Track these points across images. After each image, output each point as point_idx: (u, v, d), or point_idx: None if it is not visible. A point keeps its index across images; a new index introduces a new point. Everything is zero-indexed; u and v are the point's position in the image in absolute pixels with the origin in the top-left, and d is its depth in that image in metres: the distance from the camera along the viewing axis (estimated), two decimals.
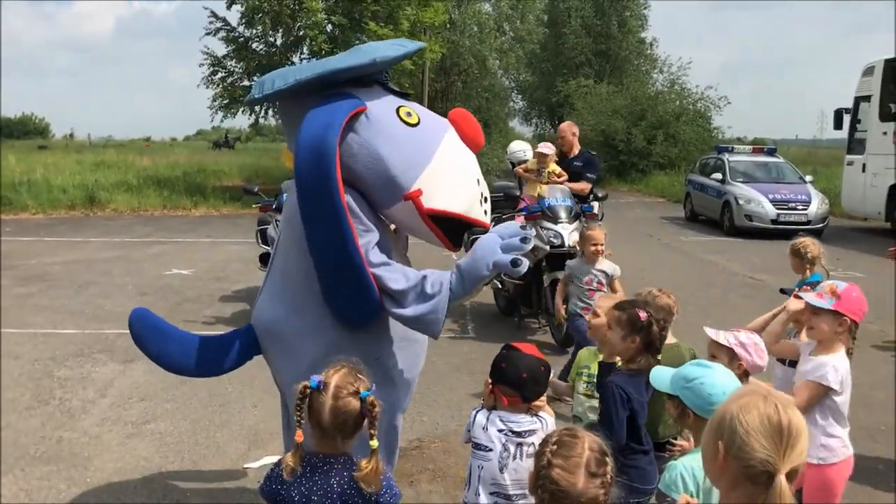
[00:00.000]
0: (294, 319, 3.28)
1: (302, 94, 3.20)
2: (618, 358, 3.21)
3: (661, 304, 3.68)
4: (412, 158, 3.20)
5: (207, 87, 24.62)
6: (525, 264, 3.18)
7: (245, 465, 4.79)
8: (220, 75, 24.52)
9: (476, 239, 3.38)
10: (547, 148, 8.51)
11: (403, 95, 3.47)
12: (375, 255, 3.16)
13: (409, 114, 3.28)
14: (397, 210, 3.27)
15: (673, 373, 2.61)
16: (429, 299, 3.11)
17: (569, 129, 8.79)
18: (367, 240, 3.15)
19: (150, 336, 3.42)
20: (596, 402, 3.37)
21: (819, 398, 3.30)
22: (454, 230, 3.37)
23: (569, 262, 6.31)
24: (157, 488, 4.52)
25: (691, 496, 2.30)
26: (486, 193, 3.50)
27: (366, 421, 2.37)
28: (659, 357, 3.17)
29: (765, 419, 1.68)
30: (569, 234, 7.54)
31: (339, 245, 3.02)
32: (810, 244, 4.80)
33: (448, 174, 3.29)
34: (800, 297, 3.58)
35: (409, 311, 3.13)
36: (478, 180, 3.45)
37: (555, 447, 2.02)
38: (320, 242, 3.09)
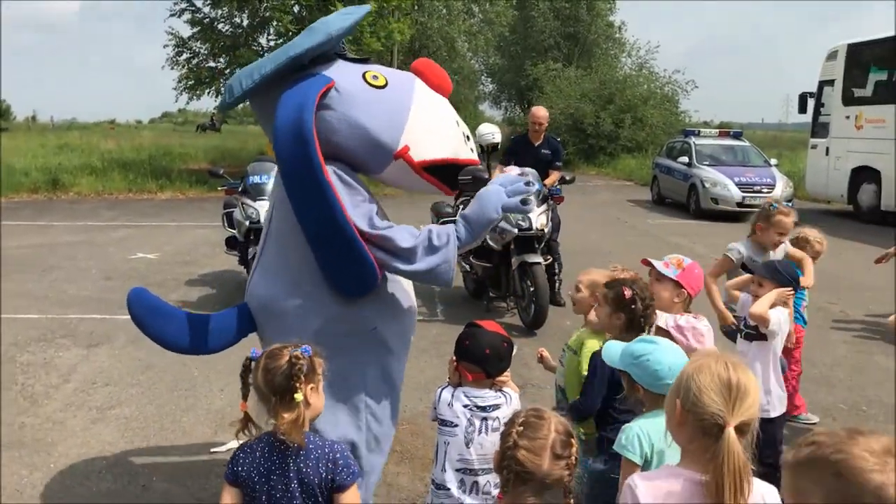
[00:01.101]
0: (292, 295, 3.31)
1: (269, 86, 3.21)
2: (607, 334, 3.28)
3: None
4: (391, 119, 3.26)
5: (172, 69, 24.31)
6: (533, 204, 3.25)
7: (212, 450, 4.77)
8: (185, 56, 24.21)
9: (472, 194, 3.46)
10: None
11: (364, 61, 3.48)
12: (380, 221, 3.23)
13: (375, 77, 3.32)
14: (391, 171, 3.34)
15: (622, 348, 2.69)
16: (437, 251, 3.21)
17: (546, 116, 8.82)
18: (367, 208, 3.21)
19: (149, 316, 3.41)
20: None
21: None
22: (448, 174, 3.45)
23: (737, 247, 5.15)
24: (123, 473, 4.49)
25: (646, 457, 2.43)
26: (468, 132, 3.59)
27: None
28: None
29: (715, 377, 1.87)
30: (537, 217, 7.57)
31: (329, 219, 3.07)
32: (816, 241, 5.12)
33: (428, 124, 3.35)
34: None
35: (421, 266, 3.20)
36: (457, 122, 3.53)
37: (521, 428, 2.05)
38: (311, 219, 3.14)
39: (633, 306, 3.15)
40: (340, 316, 3.28)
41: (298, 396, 2.35)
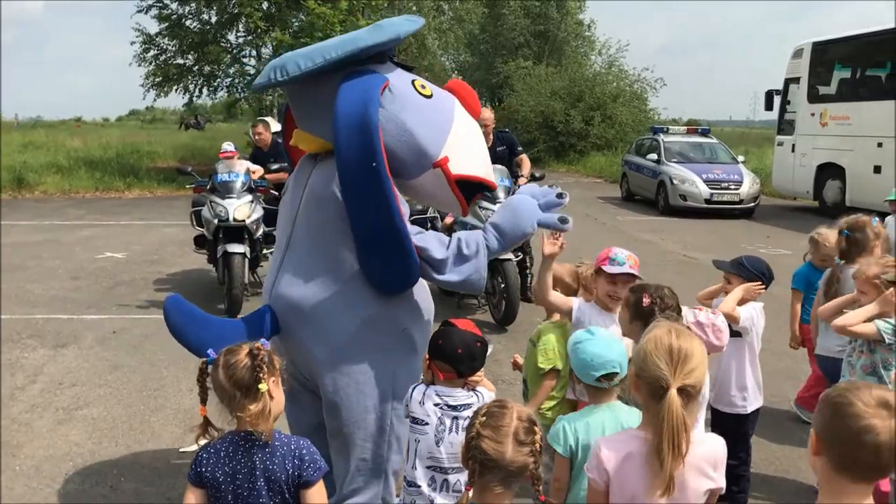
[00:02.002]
0: (327, 297, 3.28)
1: (321, 74, 3.20)
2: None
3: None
4: (437, 128, 3.32)
5: (140, 66, 24.06)
6: (570, 223, 3.40)
7: (181, 450, 4.74)
8: (152, 52, 23.96)
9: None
10: None
11: (409, 69, 3.57)
12: (411, 226, 3.27)
13: (423, 86, 3.41)
14: (424, 178, 3.36)
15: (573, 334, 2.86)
16: (467, 260, 3.28)
17: (490, 117, 8.83)
18: (403, 210, 3.22)
19: (188, 325, 3.33)
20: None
21: None
22: (469, 192, 3.50)
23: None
24: (90, 474, 4.44)
25: (571, 450, 2.61)
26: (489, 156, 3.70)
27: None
28: None
29: (659, 343, 2.10)
30: None
31: (387, 216, 3.10)
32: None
33: (466, 140, 3.45)
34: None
35: (454, 277, 3.28)
36: (484, 146, 3.66)
37: (484, 418, 2.09)
38: (369, 215, 3.13)
39: (651, 315, 3.08)
40: (375, 317, 3.29)
41: (263, 387, 2.33)
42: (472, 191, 3.50)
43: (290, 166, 4.00)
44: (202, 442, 2.45)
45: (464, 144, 3.41)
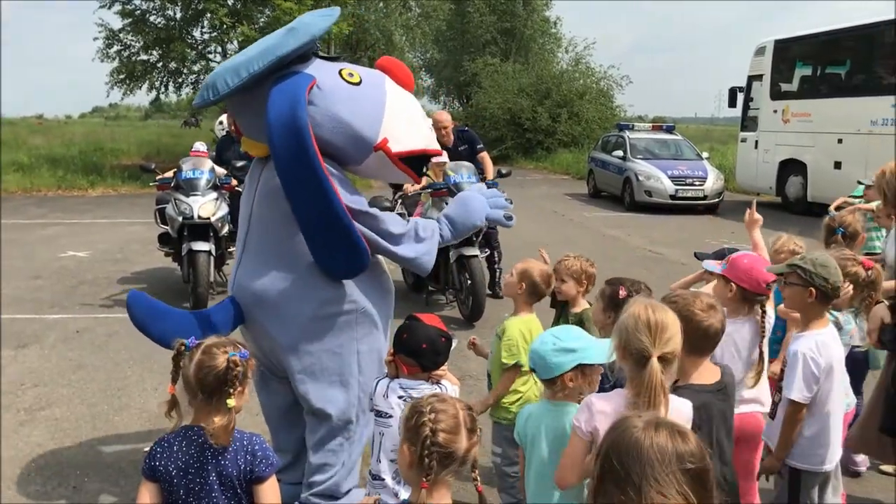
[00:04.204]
0: (286, 283, 3.47)
1: (247, 86, 3.34)
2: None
3: (573, 269, 3.88)
4: (370, 113, 3.47)
5: (103, 62, 23.73)
6: (515, 219, 3.83)
7: (145, 449, 4.68)
8: (115, 49, 23.64)
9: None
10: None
11: (334, 60, 3.69)
12: (371, 207, 3.50)
13: (350, 74, 3.53)
14: (370, 162, 3.55)
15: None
16: (422, 241, 3.59)
17: (447, 119, 8.83)
18: (357, 197, 3.46)
19: (149, 318, 3.50)
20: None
21: None
22: (418, 164, 3.72)
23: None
24: (53, 475, 4.38)
25: (522, 438, 2.72)
26: (430, 124, 3.91)
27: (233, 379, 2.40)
28: None
29: (639, 319, 2.35)
30: None
31: (326, 208, 3.24)
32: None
33: (402, 117, 3.59)
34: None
35: (408, 252, 3.56)
36: (423, 115, 3.83)
37: (433, 415, 2.09)
38: (308, 207, 3.30)
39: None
40: (333, 298, 3.48)
41: (231, 402, 2.35)
42: (420, 162, 3.73)
43: None
44: (170, 419, 2.45)
45: (400, 122, 3.56)
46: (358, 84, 3.50)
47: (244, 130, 3.69)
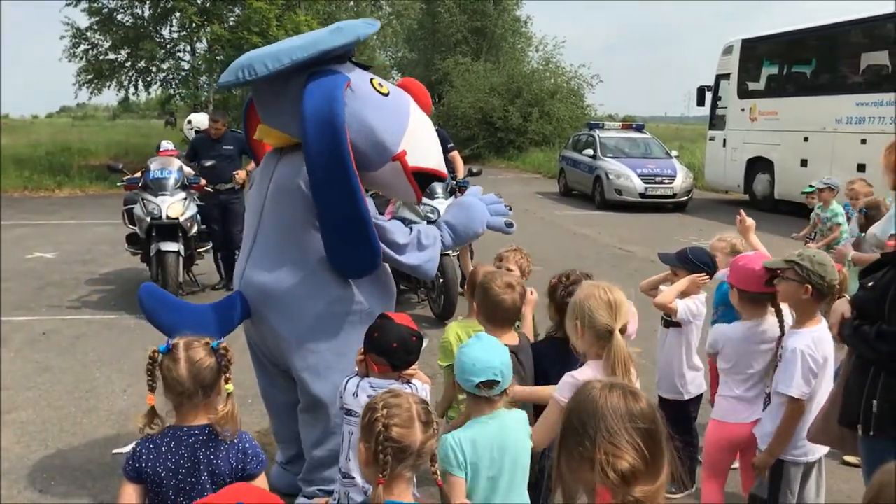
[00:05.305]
0: (296, 280, 3.55)
1: (284, 74, 3.41)
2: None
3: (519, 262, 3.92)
4: (395, 123, 3.58)
5: (70, 61, 23.41)
6: (515, 227, 3.97)
7: (114, 451, 4.65)
8: (82, 48, 23.33)
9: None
10: None
11: (366, 68, 3.79)
12: (376, 213, 3.60)
13: (380, 84, 3.66)
14: (385, 170, 3.60)
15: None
16: (425, 249, 3.68)
17: None
18: (370, 201, 3.56)
19: (160, 309, 3.60)
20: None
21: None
22: (424, 183, 3.81)
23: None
24: (18, 478, 4.33)
25: (463, 469, 2.48)
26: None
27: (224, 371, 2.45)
28: None
29: (600, 298, 2.70)
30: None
31: (351, 203, 3.35)
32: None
33: (421, 135, 3.70)
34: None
35: (412, 260, 3.65)
36: (437, 139, 3.94)
37: (385, 411, 2.11)
38: (337, 206, 3.39)
39: (555, 294, 3.41)
40: (341, 297, 3.59)
41: (229, 387, 2.39)
42: (426, 181, 3.82)
43: (256, 161, 4.29)
44: (149, 431, 2.43)
45: (419, 139, 3.66)
46: (386, 95, 3.62)
47: (266, 118, 3.74)
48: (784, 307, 3.41)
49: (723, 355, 3.52)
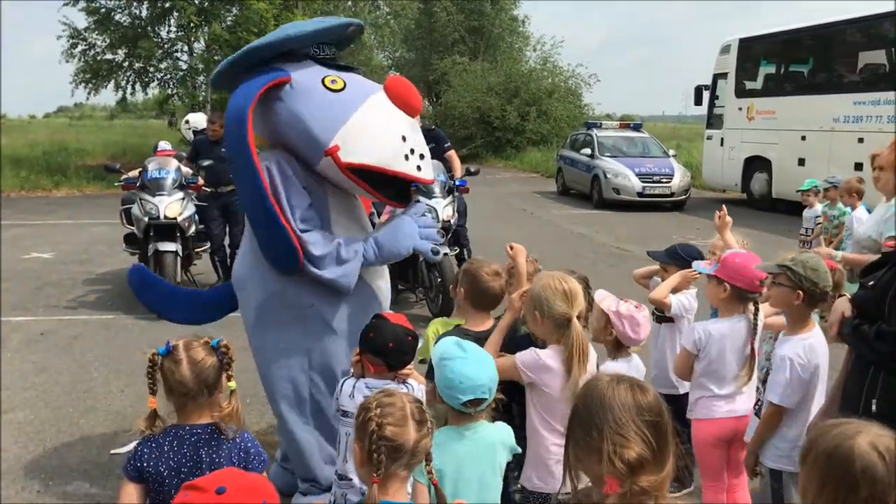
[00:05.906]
0: (248, 271, 3.73)
1: (238, 72, 3.60)
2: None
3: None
4: (330, 118, 3.50)
5: (68, 62, 23.38)
6: (441, 253, 3.80)
7: (112, 451, 4.65)
8: (80, 48, 23.30)
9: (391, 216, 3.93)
10: None
11: (346, 69, 3.79)
12: (300, 220, 3.52)
13: (333, 81, 3.59)
14: (324, 166, 3.56)
15: (440, 343, 2.73)
16: (343, 264, 3.57)
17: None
18: (298, 202, 3.53)
19: (145, 289, 3.84)
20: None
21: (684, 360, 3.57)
22: (379, 181, 3.60)
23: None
24: (16, 479, 4.33)
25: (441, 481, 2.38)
26: (421, 150, 3.66)
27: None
28: None
29: (556, 288, 2.86)
30: (443, 208, 7.64)
31: (258, 200, 3.41)
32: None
33: (366, 131, 3.52)
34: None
35: (326, 274, 3.53)
36: (403, 137, 3.59)
37: (378, 410, 2.11)
38: (246, 198, 3.53)
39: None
40: (280, 291, 3.63)
41: (232, 384, 2.42)
42: (382, 180, 3.59)
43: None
44: (149, 433, 2.43)
45: (362, 134, 3.49)
46: (337, 91, 3.56)
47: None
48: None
49: (705, 353, 3.47)
